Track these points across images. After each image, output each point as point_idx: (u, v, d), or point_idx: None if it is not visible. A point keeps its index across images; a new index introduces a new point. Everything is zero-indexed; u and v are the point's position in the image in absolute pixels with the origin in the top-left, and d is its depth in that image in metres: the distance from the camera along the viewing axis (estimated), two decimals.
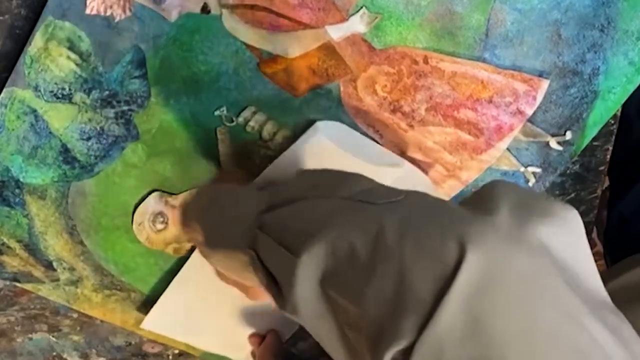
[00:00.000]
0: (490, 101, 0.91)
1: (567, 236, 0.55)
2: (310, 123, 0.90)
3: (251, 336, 1.04)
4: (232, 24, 0.85)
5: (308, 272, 0.60)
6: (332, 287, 0.59)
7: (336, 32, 0.86)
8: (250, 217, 0.71)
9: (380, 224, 0.57)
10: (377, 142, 0.92)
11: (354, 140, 0.91)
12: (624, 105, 0.95)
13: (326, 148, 0.90)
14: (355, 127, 0.91)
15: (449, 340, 0.49)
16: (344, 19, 0.86)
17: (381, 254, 0.55)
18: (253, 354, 1.04)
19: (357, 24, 0.86)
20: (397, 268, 0.53)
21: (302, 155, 0.90)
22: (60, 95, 0.86)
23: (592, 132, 0.95)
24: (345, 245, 0.58)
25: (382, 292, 0.53)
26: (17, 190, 0.91)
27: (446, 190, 0.96)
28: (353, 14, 0.86)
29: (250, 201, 0.74)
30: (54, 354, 1.05)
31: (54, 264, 0.96)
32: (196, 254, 0.95)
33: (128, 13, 0.84)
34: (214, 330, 1.01)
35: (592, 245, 0.57)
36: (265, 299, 0.76)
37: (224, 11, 0.84)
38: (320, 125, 0.90)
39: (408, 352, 0.50)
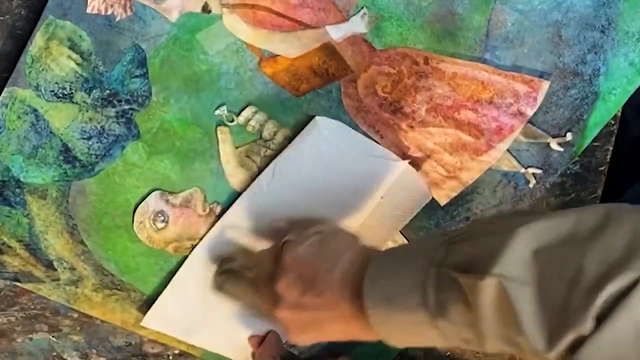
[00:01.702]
0: (490, 102, 0.91)
1: None
2: (310, 119, 0.90)
3: (251, 337, 1.04)
4: (233, 23, 0.85)
5: (524, 239, 0.61)
6: (547, 255, 0.60)
7: (337, 33, 0.86)
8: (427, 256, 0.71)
9: (604, 209, 0.61)
10: (378, 143, 0.92)
11: (352, 138, 0.92)
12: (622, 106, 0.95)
13: (326, 143, 0.90)
14: (355, 128, 0.91)
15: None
16: (344, 19, 0.86)
17: (610, 223, 0.59)
18: (253, 354, 1.04)
19: (358, 25, 0.86)
20: (630, 228, 0.57)
21: (303, 151, 0.90)
22: (61, 95, 0.87)
23: (592, 133, 0.95)
24: (566, 224, 0.60)
25: (610, 248, 0.57)
26: (17, 190, 0.91)
27: (446, 191, 0.96)
28: (353, 15, 0.86)
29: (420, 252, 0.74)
30: (54, 354, 1.05)
31: (55, 263, 0.96)
32: (196, 253, 0.95)
33: (129, 12, 0.84)
34: (214, 330, 1.01)
35: None
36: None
37: (225, 11, 0.84)
38: (319, 120, 0.90)
39: (626, 292, 0.54)
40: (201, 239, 0.95)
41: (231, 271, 0.92)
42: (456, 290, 0.64)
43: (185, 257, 0.96)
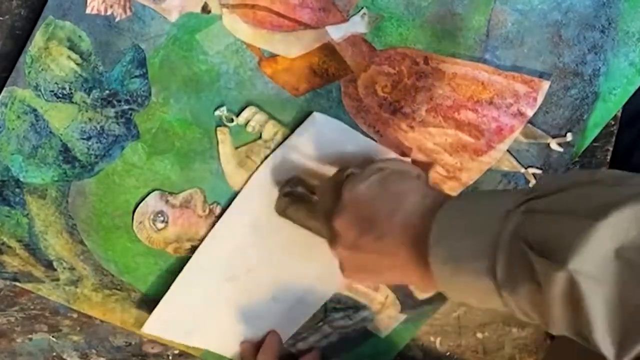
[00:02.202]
0: (490, 102, 0.91)
1: None
2: (308, 115, 0.90)
3: (243, 343, 1.03)
4: (233, 23, 0.85)
5: (608, 234, 0.58)
6: (630, 256, 0.57)
7: (337, 33, 0.86)
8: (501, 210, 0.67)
9: None
10: (378, 142, 0.92)
11: (350, 135, 0.91)
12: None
13: (323, 139, 0.90)
14: (355, 128, 0.91)
15: None
16: (344, 20, 0.86)
17: None
18: (252, 355, 1.04)
19: (358, 25, 0.86)
20: None
21: (299, 145, 0.90)
22: (60, 95, 0.87)
23: (592, 134, 0.95)
24: None
25: None
26: (17, 190, 0.91)
27: (446, 192, 0.95)
28: (353, 15, 0.86)
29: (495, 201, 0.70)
30: (54, 354, 1.05)
31: (54, 263, 0.96)
32: (195, 256, 0.95)
33: (128, 13, 0.84)
34: (214, 333, 1.02)
35: None
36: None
37: (225, 11, 0.84)
38: (317, 116, 0.90)
39: None
40: (201, 241, 0.95)
41: (294, 195, 0.90)
42: (529, 269, 0.62)
43: (185, 260, 0.96)
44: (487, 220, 0.66)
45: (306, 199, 0.89)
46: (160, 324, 0.99)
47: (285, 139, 0.91)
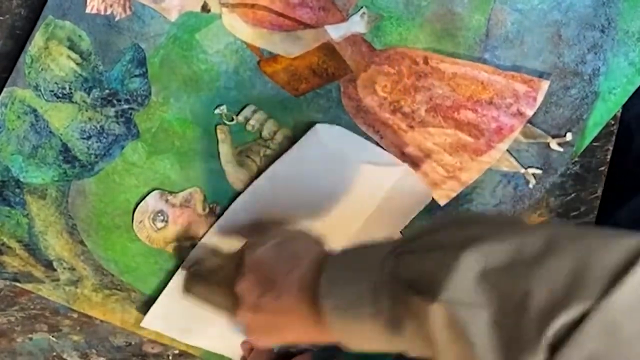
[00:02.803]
0: (490, 102, 0.91)
1: None
2: (310, 125, 0.90)
3: (244, 342, 1.03)
4: (232, 23, 0.85)
5: (471, 262, 0.59)
6: (495, 278, 0.59)
7: (336, 32, 0.86)
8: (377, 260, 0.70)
9: (548, 231, 0.60)
10: (377, 143, 0.92)
11: (352, 142, 0.92)
12: (624, 114, 0.95)
13: (326, 150, 0.90)
14: (355, 128, 0.91)
15: (628, 314, 0.52)
16: (344, 19, 0.86)
17: (553, 248, 0.58)
18: (243, 358, 1.04)
19: (357, 24, 0.86)
20: (573, 256, 0.56)
21: (302, 158, 0.90)
22: (60, 95, 0.87)
23: (592, 133, 0.95)
24: (511, 246, 0.59)
25: (555, 274, 0.56)
26: (17, 190, 0.91)
27: (446, 192, 0.95)
28: (353, 14, 0.86)
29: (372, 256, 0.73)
30: (54, 354, 1.05)
31: (54, 263, 0.96)
32: (193, 254, 0.95)
33: (128, 12, 0.84)
34: (213, 331, 1.01)
35: None
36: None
37: (224, 10, 0.84)
38: (319, 127, 0.90)
39: (576, 324, 0.53)
40: (200, 239, 0.95)
41: (199, 274, 0.92)
42: (410, 306, 0.64)
43: (183, 258, 0.96)
44: (366, 269, 0.69)
45: (211, 276, 0.91)
46: (160, 319, 0.99)
47: (284, 138, 0.91)
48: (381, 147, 0.92)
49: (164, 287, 0.97)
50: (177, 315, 0.99)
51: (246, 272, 0.82)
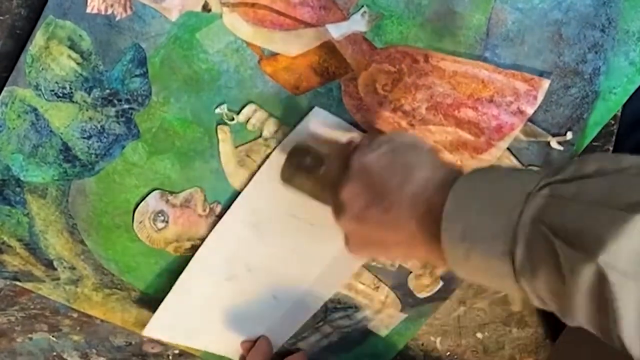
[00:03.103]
0: (491, 100, 0.91)
1: None
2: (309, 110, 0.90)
3: (243, 342, 1.03)
4: (233, 22, 0.85)
5: None
6: None
7: (337, 31, 0.86)
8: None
9: None
10: None
11: (347, 131, 0.91)
12: (623, 114, 0.95)
13: (324, 133, 0.90)
14: (355, 126, 0.91)
15: None
16: (344, 18, 0.86)
17: None
18: (242, 358, 1.04)
19: (358, 23, 0.86)
20: None
21: (301, 140, 0.90)
22: (61, 94, 0.87)
23: (592, 132, 0.95)
24: None
25: None
26: (17, 189, 0.91)
27: None
28: (354, 13, 0.86)
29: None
30: (54, 354, 1.05)
31: (55, 263, 0.96)
32: (196, 258, 0.95)
33: (129, 12, 0.84)
34: (215, 333, 1.02)
35: None
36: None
37: (225, 9, 0.84)
38: (317, 109, 0.89)
39: None
40: (201, 240, 0.95)
41: (301, 164, 0.87)
42: (551, 256, 0.59)
43: (185, 259, 0.96)
44: (507, 200, 0.64)
45: (313, 169, 0.86)
46: (161, 327, 0.99)
47: (285, 137, 0.91)
48: None
49: (164, 287, 0.97)
50: (178, 321, 0.99)
51: (352, 178, 0.77)
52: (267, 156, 0.91)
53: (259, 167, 0.92)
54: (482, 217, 0.65)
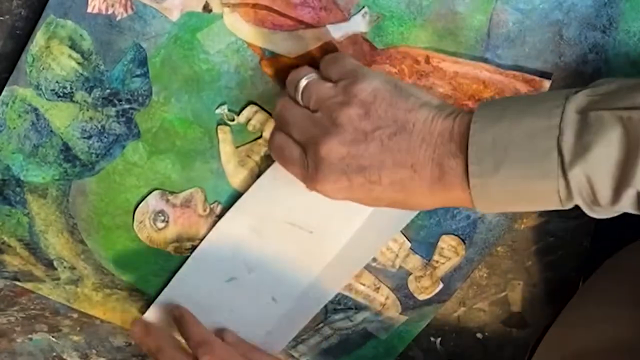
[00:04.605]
0: None
1: None
2: None
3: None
4: (234, 22, 0.85)
5: None
6: None
7: (337, 32, 0.86)
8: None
9: None
10: None
11: None
12: None
13: None
14: None
15: None
16: (345, 19, 0.86)
17: None
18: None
19: (359, 24, 0.86)
20: None
21: None
22: (61, 94, 0.87)
23: None
24: None
25: None
26: (17, 189, 0.91)
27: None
28: (354, 14, 0.86)
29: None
30: (54, 354, 1.05)
31: (55, 262, 0.96)
32: (194, 257, 0.95)
33: (130, 11, 0.84)
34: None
35: None
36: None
37: (226, 10, 0.84)
38: None
39: None
40: (201, 240, 0.95)
41: None
42: (608, 129, 0.59)
43: (185, 260, 0.96)
44: (543, 105, 0.63)
45: None
46: (157, 320, 0.99)
47: None
48: None
49: (164, 287, 0.97)
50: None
51: (352, 103, 0.73)
52: (268, 156, 0.91)
53: (260, 167, 0.92)
54: (515, 123, 0.63)
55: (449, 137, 0.68)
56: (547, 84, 0.90)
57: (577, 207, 0.66)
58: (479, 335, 1.10)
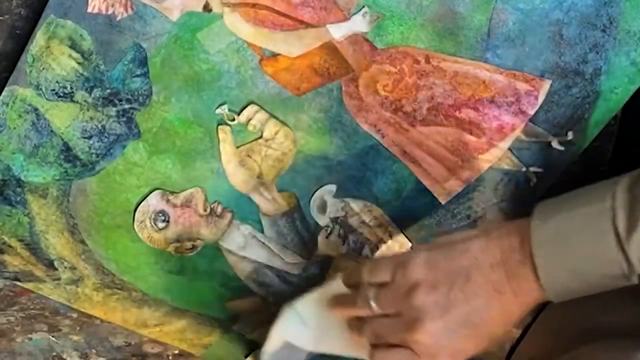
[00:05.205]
0: (492, 101, 0.91)
1: None
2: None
3: None
4: (234, 22, 0.85)
5: None
6: None
7: (338, 32, 0.86)
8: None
9: None
10: (379, 142, 0.92)
11: None
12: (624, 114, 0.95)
13: None
14: (356, 127, 0.91)
15: None
16: (345, 18, 0.86)
17: None
18: None
19: (359, 24, 0.86)
20: None
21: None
22: (61, 94, 0.87)
23: (593, 133, 0.95)
24: None
25: None
26: (18, 189, 0.91)
27: (447, 190, 0.95)
28: (355, 14, 0.86)
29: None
30: (54, 354, 1.05)
31: (55, 263, 0.95)
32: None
33: (130, 11, 0.84)
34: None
35: None
36: None
37: (226, 9, 0.84)
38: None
39: None
40: (202, 241, 0.95)
41: None
42: None
43: (185, 261, 0.96)
44: (591, 197, 0.69)
45: None
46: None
47: (285, 138, 0.91)
48: (383, 146, 0.92)
49: (164, 287, 0.97)
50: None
51: (416, 286, 0.75)
52: (268, 157, 0.91)
53: (260, 167, 0.91)
54: (573, 212, 0.69)
55: (509, 249, 0.72)
56: (547, 83, 0.90)
57: None
58: None
